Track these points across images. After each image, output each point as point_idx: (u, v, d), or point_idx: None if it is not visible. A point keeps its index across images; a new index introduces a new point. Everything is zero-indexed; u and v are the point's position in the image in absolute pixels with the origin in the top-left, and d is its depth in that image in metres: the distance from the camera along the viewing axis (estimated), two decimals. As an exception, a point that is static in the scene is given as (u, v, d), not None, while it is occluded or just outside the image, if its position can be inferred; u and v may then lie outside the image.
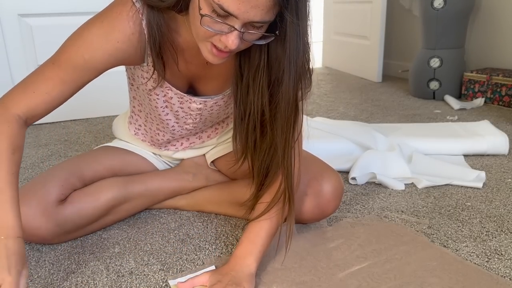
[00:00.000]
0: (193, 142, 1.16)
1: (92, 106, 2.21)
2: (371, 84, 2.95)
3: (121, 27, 0.80)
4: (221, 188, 1.17)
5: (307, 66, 0.79)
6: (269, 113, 0.82)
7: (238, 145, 0.90)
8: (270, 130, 0.84)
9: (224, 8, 0.67)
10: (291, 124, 0.82)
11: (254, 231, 0.88)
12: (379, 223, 1.12)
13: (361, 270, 0.91)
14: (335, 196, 1.02)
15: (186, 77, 0.95)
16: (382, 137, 1.60)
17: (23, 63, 2.02)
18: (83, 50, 0.80)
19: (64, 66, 0.80)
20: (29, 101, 0.80)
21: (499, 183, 1.35)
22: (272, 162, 0.87)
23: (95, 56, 0.80)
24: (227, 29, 0.70)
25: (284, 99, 0.78)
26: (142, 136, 1.13)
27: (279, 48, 0.76)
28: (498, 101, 2.27)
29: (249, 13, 0.67)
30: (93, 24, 0.81)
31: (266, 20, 0.70)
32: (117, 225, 1.13)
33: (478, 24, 2.52)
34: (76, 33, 0.82)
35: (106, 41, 0.80)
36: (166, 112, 1.00)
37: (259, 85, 0.80)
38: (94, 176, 1.07)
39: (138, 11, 0.80)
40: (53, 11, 2.02)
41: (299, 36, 0.73)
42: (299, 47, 0.74)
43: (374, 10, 2.93)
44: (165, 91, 0.95)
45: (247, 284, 0.82)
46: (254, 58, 0.80)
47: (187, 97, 0.97)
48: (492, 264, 0.93)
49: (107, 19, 0.80)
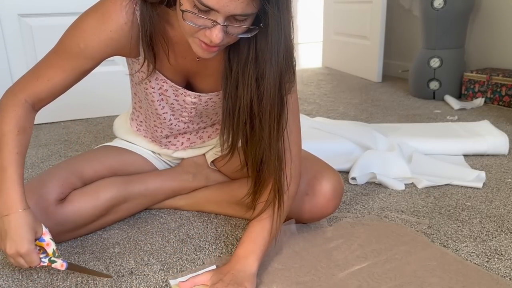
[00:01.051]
0: (193, 142, 1.16)
1: (92, 106, 2.21)
2: (371, 84, 2.95)
3: (114, 16, 0.82)
4: (221, 188, 1.17)
5: (289, 59, 0.79)
6: (257, 107, 0.82)
7: (225, 140, 0.90)
8: (259, 124, 0.84)
9: (204, 3, 0.68)
10: (275, 117, 0.82)
11: (256, 231, 0.88)
12: (379, 223, 1.12)
13: (361, 270, 0.91)
14: (335, 196, 1.02)
15: (182, 72, 0.96)
16: (382, 137, 1.60)
17: (23, 63, 2.02)
18: (78, 39, 0.84)
19: (62, 55, 0.86)
20: (34, 87, 0.87)
21: (499, 183, 1.35)
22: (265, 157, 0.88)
23: (90, 45, 0.84)
24: (210, 24, 0.71)
25: (266, 92, 0.79)
26: (144, 132, 1.14)
27: (263, 41, 0.76)
28: (498, 101, 2.27)
29: (229, 6, 0.68)
30: (88, 14, 0.85)
31: (248, 13, 0.70)
32: (117, 225, 1.13)
33: (478, 24, 2.52)
34: (74, 23, 0.86)
35: (99, 30, 0.83)
36: (162, 106, 1.01)
37: (248, 79, 0.81)
38: (94, 175, 1.07)
39: (132, 1, 0.82)
40: (53, 11, 2.02)
41: (280, 28, 0.74)
42: (280, 39, 0.75)
43: (374, 10, 2.93)
44: (160, 84, 0.96)
45: (249, 284, 0.82)
46: (242, 52, 0.80)
47: (182, 90, 0.97)
48: (492, 264, 0.93)
49: (101, 9, 0.84)
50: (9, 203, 0.80)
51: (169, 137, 1.12)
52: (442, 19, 2.35)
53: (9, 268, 0.95)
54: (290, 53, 0.79)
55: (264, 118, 0.81)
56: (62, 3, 2.02)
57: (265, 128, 0.82)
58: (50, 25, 2.02)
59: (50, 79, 0.87)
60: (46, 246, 0.84)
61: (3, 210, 0.80)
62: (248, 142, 0.88)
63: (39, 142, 1.85)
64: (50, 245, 0.84)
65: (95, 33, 0.83)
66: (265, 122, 0.82)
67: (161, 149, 1.16)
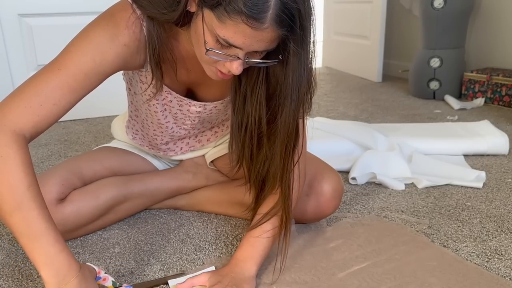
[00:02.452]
0: (192, 146, 1.16)
1: (92, 106, 2.20)
2: (371, 84, 2.95)
3: (125, 31, 0.78)
4: (221, 188, 1.17)
5: (309, 93, 0.79)
6: (266, 127, 0.82)
7: (233, 152, 0.90)
8: (267, 143, 0.84)
9: (230, 43, 0.68)
10: (291, 149, 0.82)
11: (255, 234, 0.88)
12: (379, 223, 1.12)
13: (361, 270, 0.91)
14: (335, 196, 1.02)
15: (185, 84, 0.95)
16: (382, 137, 1.60)
17: (23, 63, 2.02)
18: (93, 52, 0.75)
19: (73, 72, 0.74)
20: (36, 117, 0.72)
21: (499, 183, 1.35)
22: (269, 174, 0.88)
23: (105, 58, 0.76)
24: (231, 58, 0.71)
25: (284, 127, 0.79)
26: (140, 141, 1.13)
27: (278, 68, 0.76)
28: (498, 101, 2.27)
29: (253, 45, 0.68)
30: (98, 27, 0.77)
31: (270, 49, 0.71)
32: (117, 225, 1.13)
33: (478, 24, 2.52)
34: (80, 37, 0.77)
35: (114, 43, 0.77)
36: (165, 115, 1.00)
37: (256, 97, 0.81)
38: (94, 175, 1.07)
39: (138, 18, 0.79)
40: (53, 11, 2.02)
41: (302, 65, 0.73)
42: (301, 76, 0.74)
43: (374, 10, 2.93)
44: (164, 95, 0.95)
45: (247, 286, 0.82)
46: (252, 73, 0.80)
47: (186, 100, 0.96)
48: (492, 264, 0.93)
49: (111, 22, 0.77)
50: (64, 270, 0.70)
51: (169, 144, 1.12)
52: (442, 19, 2.35)
53: (9, 268, 0.95)
54: (310, 86, 0.79)
55: (279, 150, 0.81)
56: (62, 3, 2.02)
57: (277, 159, 0.82)
58: (50, 25, 2.02)
59: (57, 103, 0.73)
60: (103, 281, 0.82)
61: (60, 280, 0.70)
62: (254, 158, 0.88)
63: (39, 142, 1.85)
64: (107, 279, 0.83)
65: (109, 46, 0.76)
66: (279, 154, 0.82)
67: (160, 155, 1.16)
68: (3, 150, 0.68)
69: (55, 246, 0.69)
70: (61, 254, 0.70)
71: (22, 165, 0.69)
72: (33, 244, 0.68)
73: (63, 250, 0.70)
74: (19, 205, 0.67)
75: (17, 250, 1.02)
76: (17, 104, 0.71)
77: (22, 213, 0.67)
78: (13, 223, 0.68)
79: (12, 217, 0.67)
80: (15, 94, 0.72)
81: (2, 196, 0.67)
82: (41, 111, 0.72)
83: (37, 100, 0.71)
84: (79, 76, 0.74)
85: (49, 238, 0.69)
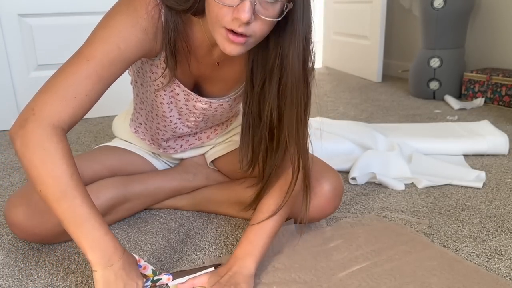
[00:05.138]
0: (192, 143, 1.16)
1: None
2: (371, 84, 2.95)
3: (145, 15, 0.78)
4: (221, 188, 1.17)
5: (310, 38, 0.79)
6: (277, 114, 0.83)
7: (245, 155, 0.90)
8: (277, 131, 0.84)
9: None
10: (301, 100, 0.81)
11: (254, 231, 0.88)
12: (379, 223, 1.12)
13: (361, 270, 0.91)
14: (335, 196, 1.02)
15: (194, 76, 0.95)
16: (382, 137, 1.60)
17: (23, 63, 2.02)
18: (117, 40, 0.76)
19: (100, 60, 0.75)
20: (71, 109, 0.74)
21: (499, 183, 1.35)
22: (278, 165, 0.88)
23: (129, 45, 0.77)
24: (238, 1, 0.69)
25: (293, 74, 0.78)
26: (142, 135, 1.13)
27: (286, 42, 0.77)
28: (498, 101, 2.27)
29: None
30: (118, 13, 0.77)
31: None
32: (117, 225, 1.13)
33: (478, 24, 2.52)
34: (102, 26, 0.77)
35: (134, 28, 0.77)
36: (171, 108, 1.00)
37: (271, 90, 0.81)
38: (94, 175, 1.07)
39: (158, 5, 0.79)
40: (53, 11, 2.02)
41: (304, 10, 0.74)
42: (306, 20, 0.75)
43: (374, 10, 2.93)
44: (172, 87, 0.94)
45: (245, 285, 0.82)
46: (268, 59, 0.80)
47: (193, 95, 0.96)
48: (492, 264, 0.93)
49: (131, 6, 0.78)
50: (109, 252, 0.75)
51: (169, 141, 1.12)
52: (442, 19, 2.35)
53: (9, 268, 0.95)
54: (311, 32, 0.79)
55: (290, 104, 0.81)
56: (62, 3, 2.02)
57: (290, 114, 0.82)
58: (50, 25, 2.02)
59: (89, 94, 0.75)
60: (144, 270, 0.84)
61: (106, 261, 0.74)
62: (268, 153, 0.89)
63: (39, 142, 1.85)
64: (147, 268, 0.84)
65: (131, 32, 0.76)
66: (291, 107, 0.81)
67: (160, 152, 1.16)
68: (45, 143, 0.71)
69: (100, 230, 0.74)
70: (106, 237, 0.75)
71: (64, 157, 0.72)
72: (80, 230, 0.73)
73: (107, 233, 0.75)
74: (64, 194, 0.71)
75: (17, 250, 1.02)
76: (52, 98, 0.73)
77: (67, 202, 0.72)
78: (60, 211, 0.72)
79: (59, 205, 0.72)
80: (47, 89, 0.74)
81: (47, 187, 0.71)
82: (75, 103, 0.74)
83: (71, 93, 0.73)
84: (106, 64, 0.76)
85: (94, 222, 0.74)
